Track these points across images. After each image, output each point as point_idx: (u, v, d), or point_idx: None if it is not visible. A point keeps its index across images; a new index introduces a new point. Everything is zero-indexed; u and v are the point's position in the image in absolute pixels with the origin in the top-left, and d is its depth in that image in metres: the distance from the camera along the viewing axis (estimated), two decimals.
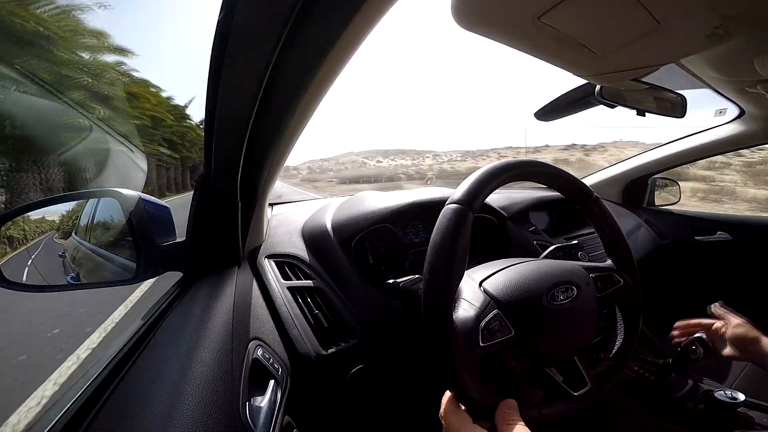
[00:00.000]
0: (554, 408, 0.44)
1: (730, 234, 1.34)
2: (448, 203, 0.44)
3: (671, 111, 0.91)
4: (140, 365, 0.42)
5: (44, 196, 4.46)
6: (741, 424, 0.71)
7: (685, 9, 0.45)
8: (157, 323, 0.51)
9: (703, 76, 0.85)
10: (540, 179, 0.54)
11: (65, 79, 9.71)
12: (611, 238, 0.57)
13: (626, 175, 1.50)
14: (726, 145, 1.26)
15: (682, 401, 0.80)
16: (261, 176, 0.63)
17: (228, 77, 0.42)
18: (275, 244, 0.78)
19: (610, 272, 0.55)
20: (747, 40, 0.60)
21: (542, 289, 0.46)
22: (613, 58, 0.55)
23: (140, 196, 0.60)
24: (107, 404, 0.37)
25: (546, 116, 0.98)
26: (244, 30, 0.37)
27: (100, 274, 0.73)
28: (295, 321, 0.63)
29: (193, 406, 0.35)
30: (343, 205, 0.85)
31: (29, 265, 0.68)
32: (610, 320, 0.57)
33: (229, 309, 0.52)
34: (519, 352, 0.44)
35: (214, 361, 0.41)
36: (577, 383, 0.47)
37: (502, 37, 0.50)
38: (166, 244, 0.61)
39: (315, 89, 0.44)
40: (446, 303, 0.39)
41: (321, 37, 0.37)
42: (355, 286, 0.69)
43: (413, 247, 0.85)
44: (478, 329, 0.41)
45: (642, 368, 0.89)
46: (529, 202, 1.11)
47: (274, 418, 0.44)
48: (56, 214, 0.72)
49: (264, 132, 0.52)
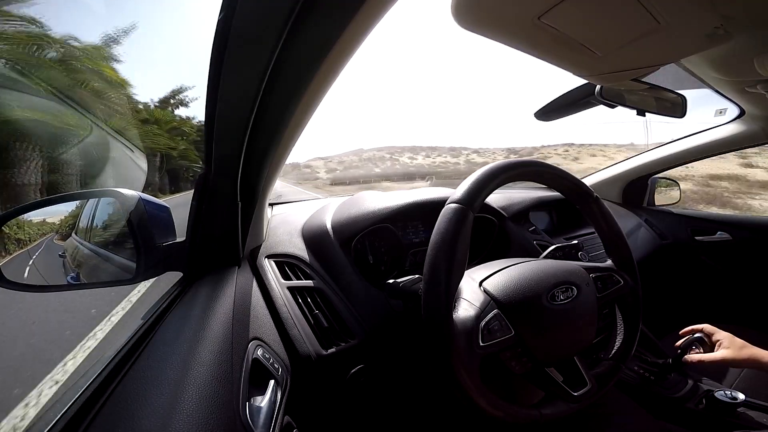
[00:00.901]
0: (554, 408, 0.44)
1: (730, 234, 1.34)
2: (449, 203, 0.44)
3: (671, 111, 0.91)
4: (140, 365, 0.42)
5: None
6: (741, 424, 0.71)
7: (685, 9, 0.45)
8: (157, 323, 0.51)
9: (703, 76, 0.85)
10: (540, 179, 0.54)
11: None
12: (611, 238, 0.57)
13: (626, 175, 1.50)
14: (726, 145, 1.26)
15: (682, 401, 0.80)
16: (261, 176, 0.63)
17: (228, 77, 0.42)
18: (275, 244, 0.78)
19: (610, 272, 0.55)
20: (747, 40, 0.60)
21: (542, 289, 0.46)
22: (613, 58, 0.55)
23: (140, 196, 0.60)
24: (107, 404, 0.37)
25: (546, 116, 0.98)
26: (244, 30, 0.37)
27: (100, 274, 0.73)
28: (295, 321, 0.63)
29: (193, 406, 0.35)
30: (343, 205, 0.85)
31: (29, 265, 0.68)
32: (610, 320, 0.58)
33: (229, 309, 0.52)
34: (519, 352, 0.44)
35: (214, 361, 0.41)
36: (577, 383, 0.47)
37: (502, 37, 0.50)
38: (166, 244, 0.61)
39: (315, 89, 0.44)
40: (446, 302, 0.39)
41: (321, 37, 0.37)
42: (355, 286, 0.69)
43: (413, 247, 0.85)
44: (478, 329, 0.41)
45: (642, 368, 0.89)
46: (529, 202, 1.11)
47: (274, 418, 0.44)
48: (57, 215, 0.72)
49: (264, 132, 0.52)
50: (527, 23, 0.45)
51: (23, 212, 0.57)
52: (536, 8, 0.43)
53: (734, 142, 1.22)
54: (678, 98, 0.91)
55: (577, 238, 1.07)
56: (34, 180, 7.41)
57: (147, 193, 0.62)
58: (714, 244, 1.37)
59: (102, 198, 0.67)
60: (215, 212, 0.62)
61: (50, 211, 0.60)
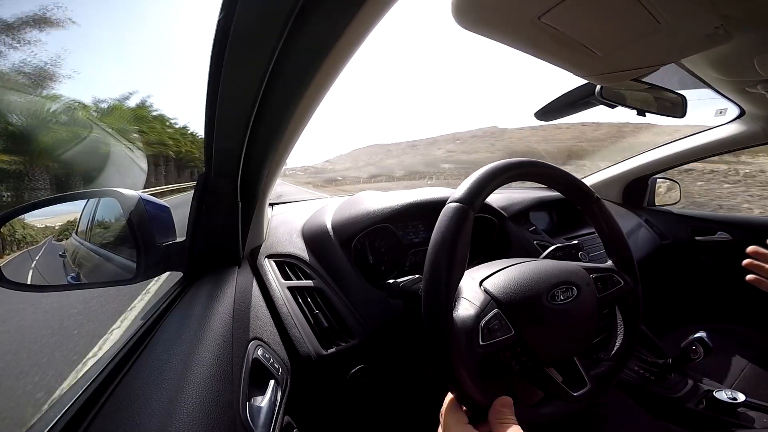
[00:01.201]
0: (553, 408, 0.44)
1: (730, 234, 1.34)
2: (449, 202, 0.44)
3: (671, 111, 0.91)
4: (140, 365, 0.42)
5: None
6: (741, 424, 0.71)
7: (685, 9, 0.45)
8: (157, 323, 0.51)
9: (703, 76, 0.85)
10: (540, 179, 0.54)
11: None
12: (612, 239, 0.57)
13: (626, 175, 1.50)
14: (726, 145, 1.26)
15: (682, 401, 0.80)
16: (261, 176, 0.63)
17: (228, 77, 0.42)
18: (275, 244, 0.78)
19: (611, 273, 0.55)
20: (747, 40, 0.60)
21: (542, 289, 0.46)
22: (614, 58, 0.55)
23: (140, 196, 0.60)
24: (107, 404, 0.37)
25: (546, 116, 0.98)
26: (244, 30, 0.37)
27: (101, 274, 0.73)
28: (295, 321, 0.63)
29: (193, 406, 0.35)
30: (343, 205, 0.85)
31: (30, 265, 0.68)
32: (610, 320, 0.57)
33: (229, 309, 0.52)
34: (519, 352, 0.44)
35: (214, 361, 0.41)
36: (577, 383, 0.47)
37: (502, 37, 0.50)
38: (166, 244, 0.61)
39: (315, 89, 0.44)
40: (446, 301, 0.39)
41: (321, 37, 0.37)
42: (355, 286, 0.69)
43: (413, 247, 0.85)
44: (478, 328, 0.41)
45: (642, 368, 0.89)
46: (530, 202, 1.11)
47: (274, 418, 0.44)
48: (57, 216, 0.72)
49: (264, 132, 0.52)
50: (527, 23, 0.45)
51: (23, 212, 0.57)
52: (536, 8, 0.43)
53: (734, 142, 1.22)
54: (678, 98, 0.91)
55: (577, 238, 1.07)
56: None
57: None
58: (714, 244, 1.37)
59: (102, 198, 0.67)
60: (215, 212, 0.62)
61: (50, 212, 0.60)
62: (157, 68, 65.54)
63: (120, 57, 41.36)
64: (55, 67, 17.48)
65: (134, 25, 70.19)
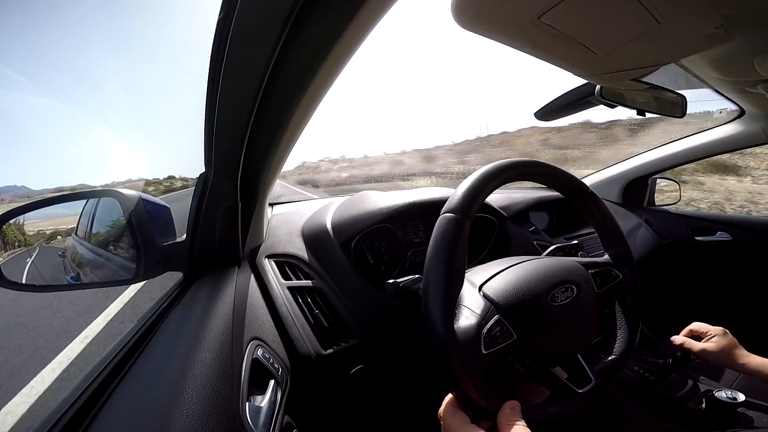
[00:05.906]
0: (560, 407, 0.44)
1: (730, 234, 1.34)
2: (443, 212, 0.43)
3: (671, 111, 0.91)
4: (140, 365, 0.42)
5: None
6: (741, 424, 0.71)
7: (685, 9, 0.45)
8: (157, 323, 0.51)
9: (703, 76, 0.85)
10: (535, 178, 0.54)
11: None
12: (608, 231, 0.57)
13: (626, 175, 1.50)
14: (726, 145, 1.26)
15: (682, 401, 0.80)
16: (261, 176, 0.63)
17: (228, 77, 0.42)
18: (275, 243, 0.78)
19: (608, 267, 0.55)
20: (747, 40, 0.60)
21: (542, 290, 0.46)
22: (613, 58, 0.55)
23: (140, 196, 0.60)
24: (107, 404, 0.37)
25: (546, 116, 0.98)
26: (244, 30, 0.37)
27: (100, 274, 0.73)
28: (295, 321, 0.63)
29: (193, 405, 0.35)
30: (343, 205, 0.85)
31: (30, 265, 0.68)
32: (611, 320, 0.57)
33: (229, 309, 0.52)
34: (522, 355, 0.44)
35: (214, 360, 0.41)
36: (582, 381, 0.47)
37: (502, 37, 0.50)
38: (166, 244, 0.61)
39: (315, 89, 0.44)
40: (446, 314, 0.39)
41: (321, 38, 0.37)
42: (355, 286, 0.69)
43: (413, 247, 0.85)
44: (480, 337, 0.41)
45: (642, 368, 0.89)
46: (529, 202, 1.11)
47: (274, 418, 0.44)
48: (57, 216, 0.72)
49: (264, 132, 0.52)
50: (527, 23, 0.45)
51: (23, 212, 0.57)
52: (536, 8, 0.43)
53: (734, 142, 1.22)
54: (678, 98, 0.91)
55: (577, 238, 1.07)
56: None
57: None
58: (714, 244, 1.37)
59: (102, 198, 0.67)
60: (215, 212, 0.62)
61: (50, 212, 0.60)
62: (157, 68, 65.23)
63: (120, 57, 41.33)
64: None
65: (134, 24, 70.08)
